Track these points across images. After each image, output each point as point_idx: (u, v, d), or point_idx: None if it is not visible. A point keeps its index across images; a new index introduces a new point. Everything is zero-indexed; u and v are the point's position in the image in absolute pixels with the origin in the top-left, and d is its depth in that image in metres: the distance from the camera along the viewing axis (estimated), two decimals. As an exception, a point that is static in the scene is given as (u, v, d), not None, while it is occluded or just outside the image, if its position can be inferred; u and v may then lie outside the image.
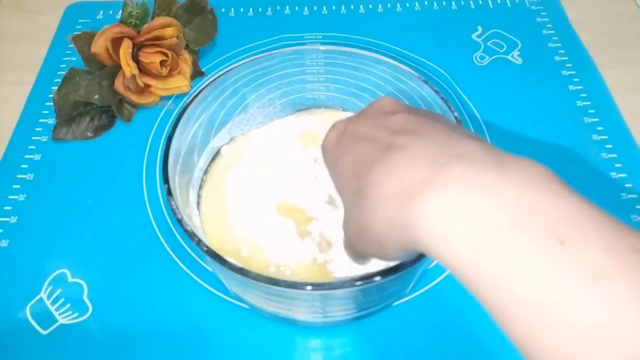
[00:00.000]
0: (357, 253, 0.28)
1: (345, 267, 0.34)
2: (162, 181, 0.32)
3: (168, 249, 0.39)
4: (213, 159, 0.41)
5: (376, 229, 0.23)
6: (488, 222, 0.18)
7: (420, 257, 0.27)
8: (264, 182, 0.39)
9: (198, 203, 0.39)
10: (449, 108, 0.34)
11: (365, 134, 0.26)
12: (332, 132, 0.29)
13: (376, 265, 0.29)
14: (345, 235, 0.28)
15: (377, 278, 0.26)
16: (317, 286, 0.26)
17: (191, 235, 0.29)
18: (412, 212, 0.20)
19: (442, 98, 0.35)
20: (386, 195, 0.22)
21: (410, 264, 0.26)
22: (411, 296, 0.37)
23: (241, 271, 0.27)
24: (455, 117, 0.33)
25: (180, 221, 0.30)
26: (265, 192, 0.38)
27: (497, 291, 0.18)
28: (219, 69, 0.52)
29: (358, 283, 0.26)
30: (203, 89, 0.37)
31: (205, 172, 0.41)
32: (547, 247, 0.17)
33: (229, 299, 0.37)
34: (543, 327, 0.17)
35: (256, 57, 0.39)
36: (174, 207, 0.30)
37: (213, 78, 0.37)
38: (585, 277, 0.16)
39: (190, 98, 0.36)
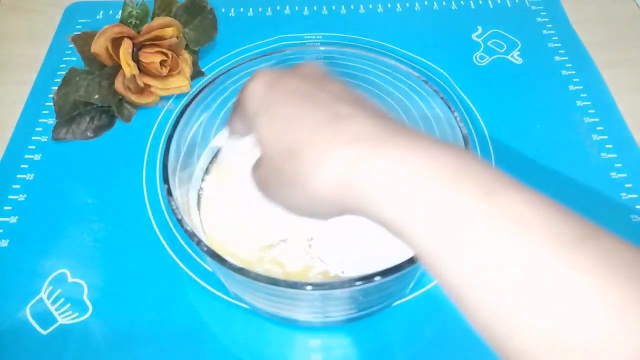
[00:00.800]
0: (269, 199, 0.27)
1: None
2: (162, 181, 0.32)
3: (168, 249, 0.39)
4: (213, 158, 0.41)
5: (315, 186, 0.23)
6: (428, 179, 0.21)
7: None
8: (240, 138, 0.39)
9: (198, 203, 0.39)
10: (449, 108, 0.34)
11: (303, 90, 0.25)
12: (256, 81, 0.27)
13: (377, 265, 0.29)
14: (257, 180, 0.27)
15: (377, 278, 0.26)
16: (317, 286, 0.27)
17: (191, 235, 0.29)
18: (359, 172, 0.22)
19: (442, 98, 0.35)
20: (333, 155, 0.22)
21: (410, 264, 0.26)
22: (411, 296, 0.37)
23: (241, 271, 0.27)
24: (455, 118, 0.33)
25: (180, 221, 0.30)
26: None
27: (431, 239, 0.20)
28: (219, 69, 0.52)
29: (358, 283, 0.26)
30: (203, 89, 0.37)
31: (206, 172, 0.41)
32: (478, 197, 0.20)
33: (229, 299, 0.37)
34: (470, 271, 0.19)
35: (256, 57, 0.39)
36: (174, 207, 0.30)
37: (213, 78, 0.37)
38: (509, 224, 0.19)
39: (190, 98, 0.36)
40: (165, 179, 0.32)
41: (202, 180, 0.40)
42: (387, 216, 0.21)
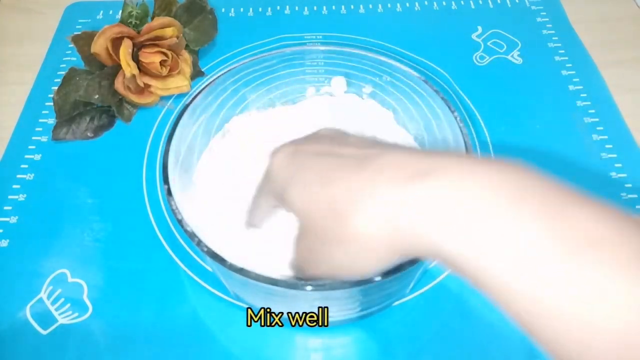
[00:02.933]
0: (315, 276, 0.26)
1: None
2: (162, 181, 0.32)
3: (168, 249, 0.39)
4: (213, 158, 0.41)
5: (365, 232, 0.21)
6: (484, 205, 0.19)
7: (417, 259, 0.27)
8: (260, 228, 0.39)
9: (197, 203, 0.39)
10: (449, 108, 0.34)
11: (324, 150, 0.25)
12: (277, 156, 0.27)
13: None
14: (299, 259, 0.27)
15: (377, 278, 0.26)
16: (317, 286, 0.26)
17: (191, 236, 0.29)
18: (409, 205, 0.20)
19: (442, 98, 0.35)
20: (377, 194, 0.21)
21: (411, 264, 0.26)
22: (411, 296, 0.37)
23: (241, 271, 0.27)
24: (455, 118, 0.33)
25: (180, 221, 0.30)
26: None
27: (498, 270, 0.18)
28: (219, 68, 0.52)
29: (358, 283, 0.26)
30: (203, 89, 0.37)
31: (205, 172, 0.40)
32: (544, 221, 0.18)
33: (229, 298, 0.37)
34: (545, 296, 0.17)
35: (256, 57, 0.39)
36: (174, 207, 0.30)
37: (213, 78, 0.37)
38: (580, 245, 0.17)
39: (190, 98, 0.36)
40: (165, 179, 0.32)
41: (202, 180, 0.40)
42: (445, 249, 0.19)
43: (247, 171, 0.40)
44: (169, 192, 0.31)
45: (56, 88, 0.46)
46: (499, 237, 0.18)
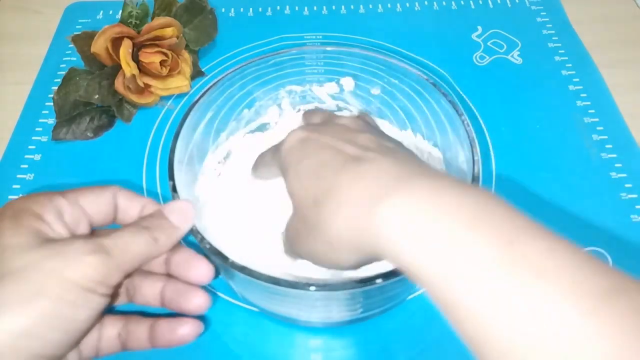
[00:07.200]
0: (297, 255, 0.29)
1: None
2: (162, 181, 0.32)
3: (169, 249, 0.39)
4: (217, 157, 0.41)
5: (334, 229, 0.24)
6: (446, 222, 0.20)
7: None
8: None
9: (199, 202, 0.39)
10: (457, 111, 0.34)
11: (331, 144, 0.27)
12: (294, 136, 0.29)
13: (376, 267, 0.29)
14: (288, 235, 0.29)
15: (379, 280, 0.26)
16: (319, 287, 0.26)
17: (194, 233, 0.29)
18: (376, 214, 0.22)
19: (449, 101, 0.34)
20: (352, 198, 0.23)
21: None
22: (412, 296, 0.37)
23: (243, 269, 0.27)
24: (463, 122, 0.33)
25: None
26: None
27: (449, 286, 0.20)
28: (219, 68, 0.52)
29: (360, 284, 0.26)
30: (210, 87, 0.36)
31: (205, 172, 0.40)
32: (497, 246, 0.19)
33: (229, 298, 0.37)
34: (492, 321, 0.18)
35: (263, 56, 0.39)
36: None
37: (221, 77, 0.37)
38: (530, 274, 0.18)
39: (198, 96, 0.36)
40: (171, 176, 0.31)
41: (203, 180, 0.40)
42: (403, 259, 0.21)
43: (251, 171, 0.40)
44: (174, 189, 0.31)
45: (56, 88, 0.46)
46: (453, 259, 0.19)
